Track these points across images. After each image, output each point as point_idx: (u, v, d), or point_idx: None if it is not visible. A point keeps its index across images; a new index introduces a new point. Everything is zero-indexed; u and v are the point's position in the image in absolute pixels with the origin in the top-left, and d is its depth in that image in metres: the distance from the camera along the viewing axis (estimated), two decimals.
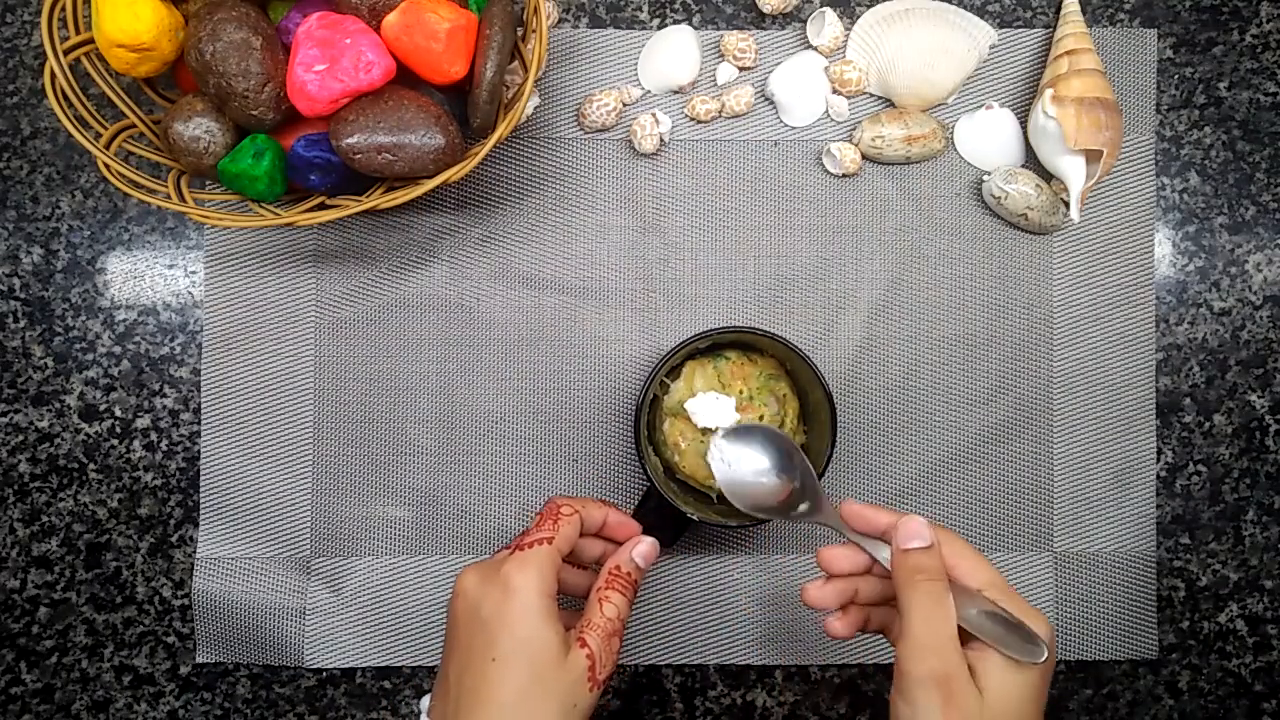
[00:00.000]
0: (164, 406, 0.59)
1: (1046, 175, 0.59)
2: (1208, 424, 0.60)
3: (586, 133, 0.60)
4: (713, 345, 0.55)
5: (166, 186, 0.52)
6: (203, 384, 0.59)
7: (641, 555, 0.49)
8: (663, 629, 0.59)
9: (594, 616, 0.46)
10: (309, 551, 0.59)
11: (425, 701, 0.47)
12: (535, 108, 0.59)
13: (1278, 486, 0.61)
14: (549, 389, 0.59)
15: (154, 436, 0.59)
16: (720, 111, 0.59)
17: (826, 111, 0.59)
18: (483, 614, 0.44)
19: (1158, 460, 0.60)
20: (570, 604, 0.53)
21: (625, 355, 0.60)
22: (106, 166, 0.50)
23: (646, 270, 0.60)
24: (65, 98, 0.50)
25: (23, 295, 0.59)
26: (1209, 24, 0.60)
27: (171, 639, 0.60)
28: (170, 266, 0.60)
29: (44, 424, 0.59)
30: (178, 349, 0.60)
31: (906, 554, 0.43)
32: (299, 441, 0.59)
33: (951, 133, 0.60)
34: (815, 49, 0.59)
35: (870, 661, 0.60)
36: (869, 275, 0.60)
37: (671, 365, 0.54)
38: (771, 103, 0.59)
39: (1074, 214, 0.56)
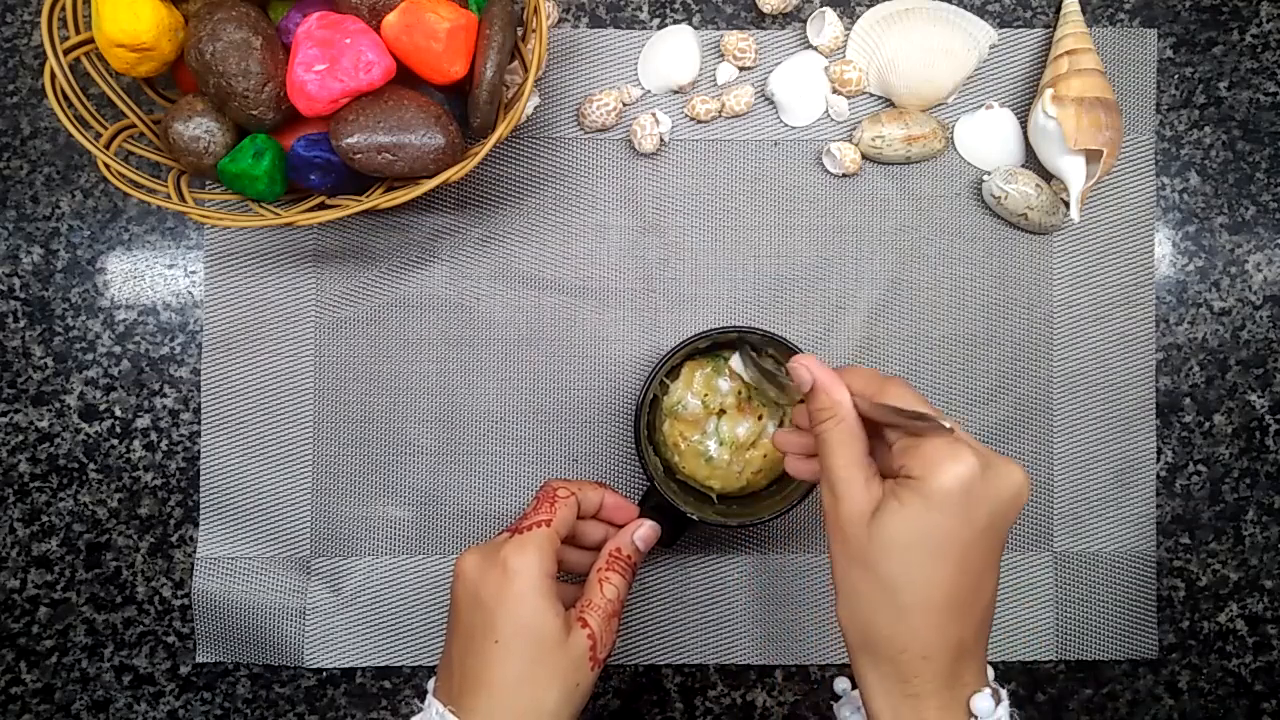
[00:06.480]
0: (164, 406, 0.59)
1: (1046, 175, 0.59)
2: (1208, 424, 0.60)
3: (586, 133, 0.60)
4: (713, 345, 0.55)
5: (166, 186, 0.52)
6: (203, 384, 0.59)
7: (641, 538, 0.51)
8: (663, 629, 0.59)
9: (594, 597, 0.47)
10: (309, 551, 0.59)
11: (431, 683, 0.47)
12: (535, 108, 0.59)
13: (1278, 486, 0.61)
14: (549, 389, 0.59)
15: (154, 436, 0.59)
16: (720, 111, 0.59)
17: (826, 111, 0.59)
18: (483, 597, 0.45)
19: (1158, 460, 0.60)
20: (570, 580, 0.53)
21: (625, 355, 0.60)
22: (106, 166, 0.50)
23: (646, 270, 0.60)
24: (65, 98, 0.50)
25: (23, 295, 0.59)
26: (1209, 24, 0.60)
27: (171, 639, 0.60)
28: (170, 266, 0.60)
29: (44, 424, 0.59)
30: (178, 349, 0.60)
31: (809, 397, 0.43)
32: (299, 441, 0.59)
33: (951, 133, 0.60)
34: (815, 49, 0.59)
35: None
36: (869, 275, 0.60)
37: (671, 365, 0.54)
38: (771, 103, 0.59)
39: (1074, 214, 0.56)
